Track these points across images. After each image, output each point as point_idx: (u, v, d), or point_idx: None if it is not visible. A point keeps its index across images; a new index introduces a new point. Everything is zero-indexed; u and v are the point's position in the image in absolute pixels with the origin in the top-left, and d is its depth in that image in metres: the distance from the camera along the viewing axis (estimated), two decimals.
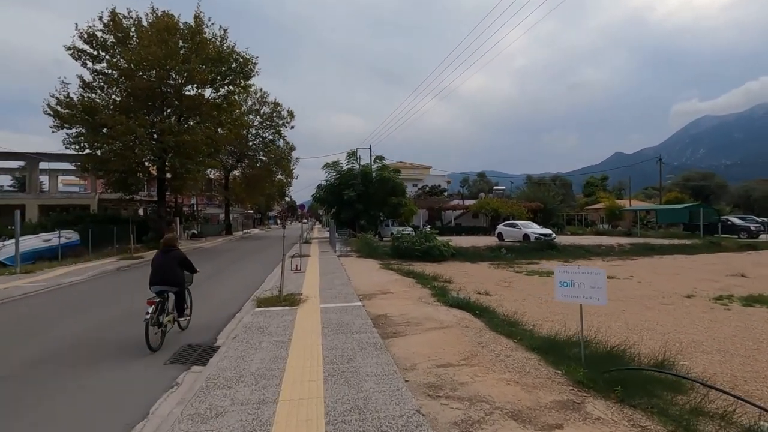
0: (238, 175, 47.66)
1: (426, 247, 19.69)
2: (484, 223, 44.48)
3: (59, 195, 32.90)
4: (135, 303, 9.40)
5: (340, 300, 9.11)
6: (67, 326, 7.63)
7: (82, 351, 6.12)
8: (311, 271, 14.14)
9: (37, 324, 7.88)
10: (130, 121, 20.93)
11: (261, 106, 44.22)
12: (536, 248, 24.56)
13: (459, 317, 7.49)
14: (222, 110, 26.17)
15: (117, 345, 6.36)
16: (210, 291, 11.25)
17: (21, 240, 18.18)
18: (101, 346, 6.37)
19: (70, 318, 8.33)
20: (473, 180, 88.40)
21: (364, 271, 14.50)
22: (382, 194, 31.29)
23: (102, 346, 6.33)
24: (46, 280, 12.98)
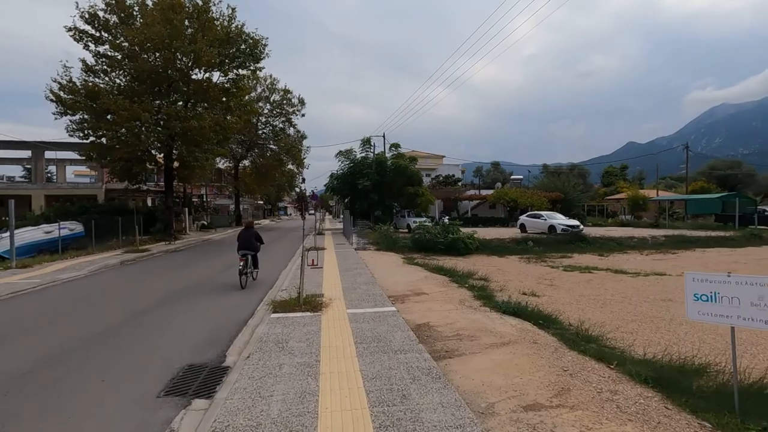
0: (248, 164, 46.54)
1: (450, 239, 18.27)
2: (502, 213, 42.87)
3: (66, 185, 32.04)
4: (136, 304, 8.22)
5: (368, 303, 7.78)
6: (38, 341, 6.42)
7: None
8: (329, 266, 12.85)
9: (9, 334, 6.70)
10: (135, 106, 19.70)
11: (271, 93, 42.88)
12: (564, 240, 23.02)
13: (519, 328, 6.12)
14: (231, 95, 24.83)
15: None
16: (219, 289, 10.02)
17: (21, 232, 17.22)
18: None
19: (45, 330, 7.12)
20: (486, 170, 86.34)
21: (388, 266, 13.17)
22: (398, 183, 29.86)
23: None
24: (42, 276, 11.89)
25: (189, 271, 13.49)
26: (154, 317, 7.45)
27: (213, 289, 10.05)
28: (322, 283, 9.95)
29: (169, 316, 7.57)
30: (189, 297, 9.23)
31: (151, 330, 6.63)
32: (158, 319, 7.35)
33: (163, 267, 14.54)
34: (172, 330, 6.65)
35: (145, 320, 7.21)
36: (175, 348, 5.74)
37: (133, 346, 5.80)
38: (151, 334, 6.37)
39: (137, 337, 6.26)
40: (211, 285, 10.66)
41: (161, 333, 6.47)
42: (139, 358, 5.33)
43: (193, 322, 7.17)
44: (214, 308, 8.18)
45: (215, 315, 7.62)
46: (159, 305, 8.41)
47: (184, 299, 9.01)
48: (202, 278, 11.72)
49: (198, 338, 6.19)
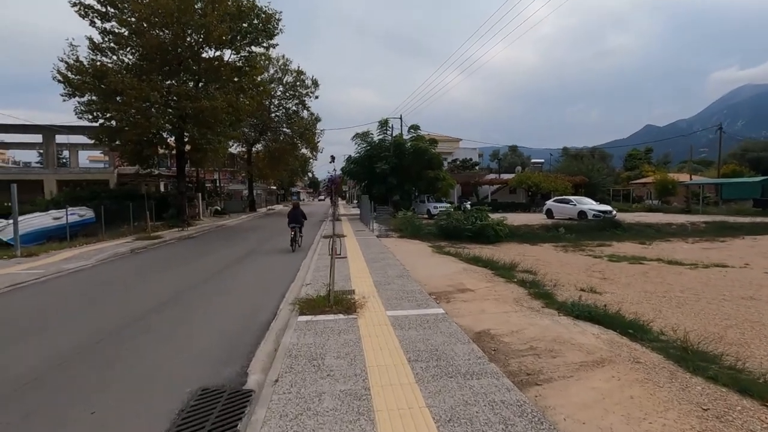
0: (261, 149, 45.57)
1: (479, 226, 17.03)
2: (523, 198, 41.31)
3: (78, 170, 31.46)
4: (143, 301, 7.23)
5: (409, 303, 6.67)
6: (15, 355, 5.45)
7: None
8: (354, 256, 11.76)
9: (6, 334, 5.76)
10: (143, 85, 18.66)
11: (283, 75, 41.59)
12: (597, 227, 21.58)
13: (606, 340, 4.94)
14: (243, 74, 23.61)
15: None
16: (236, 282, 9.03)
17: (29, 218, 16.50)
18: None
19: (32, 337, 6.16)
20: (503, 153, 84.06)
21: (417, 256, 12.03)
22: (417, 167, 28.55)
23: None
24: (47, 266, 11.04)
25: (202, 260, 12.55)
26: (161, 319, 6.44)
27: (229, 283, 9.07)
28: (350, 276, 8.87)
29: (180, 317, 6.56)
30: (202, 292, 8.24)
31: (156, 337, 5.62)
32: (166, 321, 6.34)
33: (175, 256, 13.64)
34: (182, 336, 5.63)
35: (150, 323, 6.21)
36: (186, 361, 4.72)
37: (134, 361, 4.78)
38: (156, 343, 5.35)
39: (139, 347, 5.25)
40: (226, 277, 9.69)
41: (169, 341, 5.46)
42: (141, 379, 4.31)
43: (206, 324, 6.15)
44: (231, 307, 7.16)
45: (232, 316, 6.60)
46: (168, 303, 7.43)
47: (196, 294, 8.02)
48: (216, 268, 10.75)
49: (213, 347, 5.15)
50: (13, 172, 29.37)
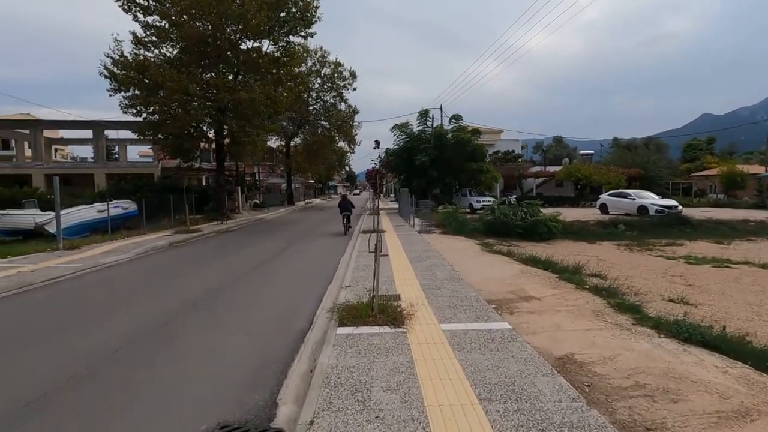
0: (299, 142, 45.58)
1: (530, 222, 15.64)
2: (571, 192, 38.90)
3: (125, 164, 32.48)
4: (172, 301, 6.62)
5: (466, 313, 5.67)
6: (25, 365, 4.92)
7: None
8: (396, 253, 10.85)
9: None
10: (182, 77, 18.54)
11: (321, 67, 41.11)
12: (662, 224, 19.49)
13: (737, 376, 3.75)
14: (281, 65, 23.19)
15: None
16: (270, 281, 8.36)
17: (74, 211, 16.76)
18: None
19: (45, 343, 5.66)
20: (547, 145, 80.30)
21: (465, 255, 10.96)
22: (459, 159, 27.22)
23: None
24: (85, 260, 10.89)
25: (238, 255, 12.07)
26: (186, 325, 5.80)
27: (263, 282, 8.41)
28: (393, 278, 7.96)
29: (207, 323, 5.90)
30: (234, 291, 7.61)
31: (177, 350, 4.94)
32: (191, 328, 5.69)
33: (211, 251, 13.29)
34: (206, 350, 4.92)
35: (173, 330, 5.56)
36: (206, 384, 3.98)
37: (147, 383, 4.09)
38: (176, 358, 4.66)
39: (156, 362, 4.57)
40: (261, 275, 9.06)
41: (191, 355, 4.75)
42: (150, 409, 3.59)
43: (234, 332, 5.44)
44: (263, 311, 6.45)
45: (263, 323, 5.87)
46: (198, 304, 6.82)
47: (228, 294, 7.40)
48: (251, 265, 10.18)
49: (239, 364, 4.40)
50: (67, 166, 30.70)
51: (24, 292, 7.93)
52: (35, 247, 12.64)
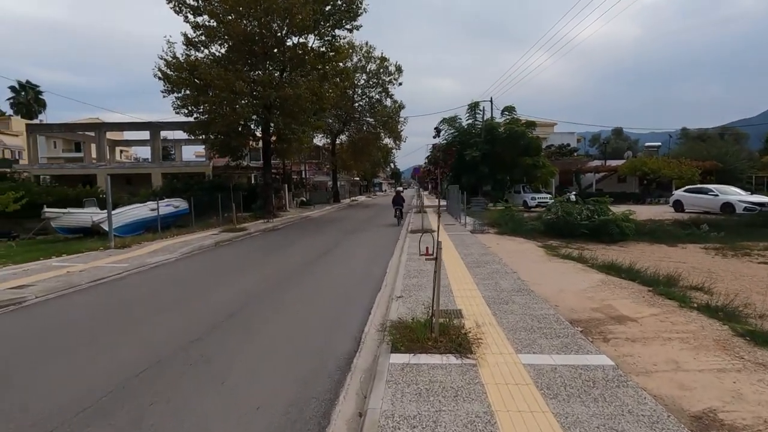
0: (344, 140, 45.40)
1: (599, 221, 13.99)
2: (635, 187, 35.77)
3: (180, 163, 33.64)
4: (209, 311, 5.98)
5: (546, 338, 4.58)
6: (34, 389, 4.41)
7: None
8: (450, 257, 9.83)
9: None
10: (229, 74, 18.49)
11: (367, 62, 40.51)
12: (754, 224, 16.96)
13: None
14: (327, 60, 22.73)
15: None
16: (314, 287, 7.64)
17: (129, 209, 17.14)
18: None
19: (49, 365, 5.18)
20: (605, 138, 75.15)
21: (528, 259, 9.73)
22: (512, 153, 25.57)
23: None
24: (132, 260, 10.79)
25: (282, 256, 11.57)
26: (214, 347, 5.14)
27: (305, 288, 7.72)
28: (451, 287, 6.98)
29: (238, 344, 5.22)
30: (274, 301, 6.96)
31: (199, 382, 4.26)
32: (220, 351, 5.03)
33: (256, 251, 12.92)
34: (230, 385, 4.20)
35: (200, 354, 4.86)
36: (229, 424, 3.23)
37: (157, 426, 3.41)
38: (196, 396, 3.96)
39: (173, 400, 3.88)
40: (304, 279, 8.39)
41: (212, 393, 4.04)
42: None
43: (268, 358, 4.71)
44: (302, 326, 5.70)
45: (302, 343, 5.11)
46: (234, 316, 6.22)
47: (267, 304, 6.75)
48: (295, 267, 9.58)
49: (269, 405, 3.63)
50: (128, 166, 32.23)
51: (68, 294, 7.75)
52: (89, 245, 12.85)
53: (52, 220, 16.06)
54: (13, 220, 21.20)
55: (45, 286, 8.01)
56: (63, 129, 33.43)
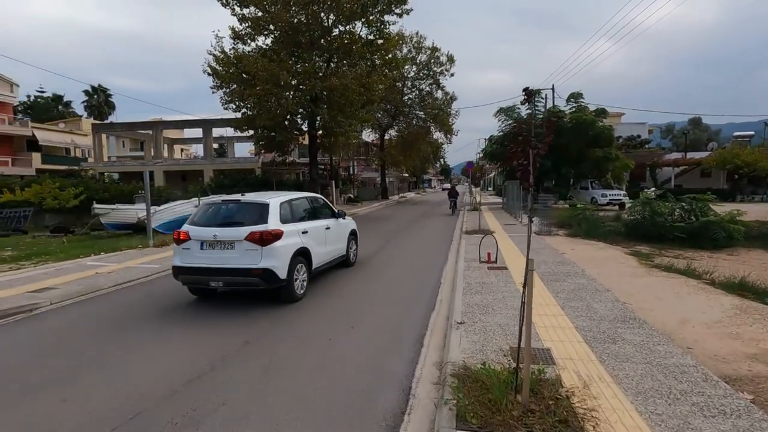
0: (393, 135, 44.08)
1: (698, 223, 11.58)
2: (722, 183, 31.45)
3: (230, 160, 33.99)
4: (218, 342, 4.67)
5: (705, 418, 2.89)
6: None
7: None
8: (518, 265, 8.15)
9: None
10: (273, 65, 17.74)
11: (417, 53, 38.85)
12: None
13: None
14: (375, 49, 21.47)
15: None
16: (352, 305, 6.29)
17: (173, 206, 16.85)
18: None
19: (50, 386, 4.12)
20: (680, 128, 68.10)
21: (616, 270, 7.81)
22: (578, 145, 22.90)
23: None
24: (165, 260, 10.07)
25: None
26: (215, 392, 3.95)
27: (338, 307, 6.42)
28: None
29: (243, 403, 3.98)
30: (297, 327, 5.72)
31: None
32: (223, 400, 3.81)
33: None
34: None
35: (192, 414, 3.71)
36: None
37: None
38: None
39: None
40: (340, 299, 7.10)
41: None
42: None
43: (283, 421, 3.41)
44: (333, 370, 4.36)
45: (325, 394, 3.76)
46: (249, 342, 5.04)
47: (290, 330, 5.52)
48: (331, 282, 8.34)
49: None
50: (182, 163, 32.96)
51: (86, 300, 7.01)
52: (129, 243, 12.47)
53: (101, 216, 16.10)
54: (74, 215, 22.05)
55: (66, 290, 7.35)
56: (124, 128, 34.95)
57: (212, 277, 6.07)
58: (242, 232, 5.99)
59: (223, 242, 6.06)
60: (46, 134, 34.08)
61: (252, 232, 5.94)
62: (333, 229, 7.92)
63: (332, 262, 8.00)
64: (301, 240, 6.64)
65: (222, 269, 6.01)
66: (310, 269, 6.80)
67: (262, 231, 5.96)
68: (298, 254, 6.43)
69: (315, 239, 7.09)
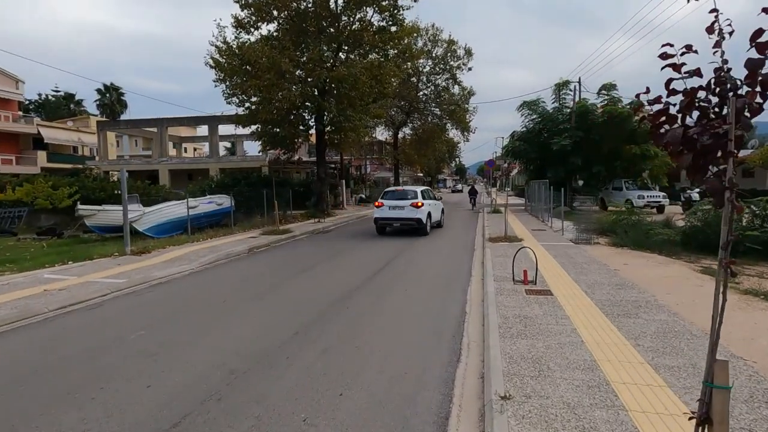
0: (407, 133, 42.24)
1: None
2: (766, 183, 28.70)
3: (236, 158, 32.69)
4: (187, 387, 3.39)
5: None
6: None
7: None
8: (563, 287, 6.31)
9: None
10: (275, 52, 16.16)
11: (433, 47, 36.95)
12: None
13: None
14: (388, 37, 19.73)
15: None
16: (354, 338, 4.56)
17: (162, 207, 15.43)
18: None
19: None
20: None
21: (700, 297, 5.90)
22: (611, 142, 20.79)
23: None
24: (137, 272, 8.55)
25: (318, 275, 8.75)
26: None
27: (341, 341, 4.70)
28: (600, 366, 3.56)
29: None
30: (288, 368, 4.02)
31: None
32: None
33: (293, 262, 10.26)
34: None
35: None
36: None
37: None
38: None
39: None
40: (343, 319, 5.39)
41: None
42: None
43: None
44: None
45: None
46: (227, 389, 3.36)
47: (278, 375, 3.83)
48: (337, 293, 6.65)
49: None
50: (187, 162, 31.78)
51: (10, 331, 5.46)
52: (104, 250, 11.00)
53: (86, 218, 14.76)
54: (70, 215, 20.90)
55: None
56: (129, 125, 33.94)
57: (394, 221, 14.00)
58: (408, 202, 13.65)
59: (399, 206, 13.72)
60: (52, 132, 33.31)
61: (413, 202, 13.60)
62: (437, 205, 15.79)
63: (437, 221, 15.62)
64: (428, 208, 14.05)
65: (398, 218, 13.81)
66: (430, 221, 14.26)
67: (416, 202, 13.60)
68: (427, 214, 13.82)
69: (431, 209, 14.54)
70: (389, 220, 13.89)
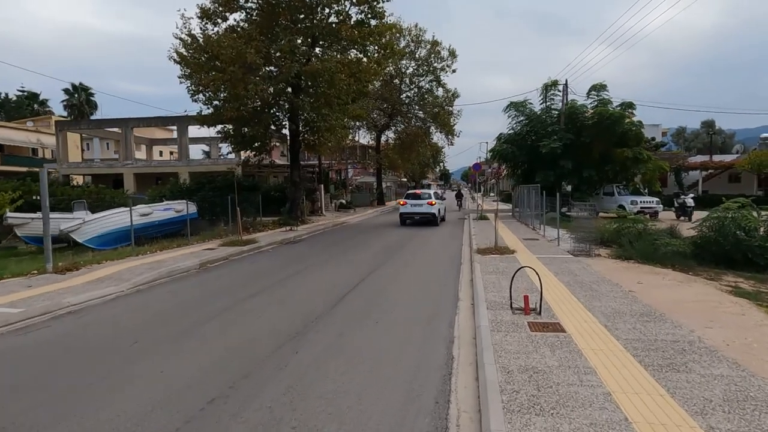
0: (391, 137, 40.90)
1: None
2: (753, 189, 28.37)
3: (208, 162, 30.81)
4: None
5: None
6: None
7: None
8: (572, 318, 4.92)
9: None
10: (240, 42, 14.60)
11: (416, 48, 35.79)
12: None
13: None
14: (368, 31, 18.36)
15: None
16: (318, 384, 3.12)
17: (108, 215, 13.64)
18: None
19: None
20: (691, 132, 65.18)
21: (749, 329, 4.58)
22: (602, 144, 19.82)
23: None
24: (48, 297, 6.85)
25: (277, 298, 7.19)
26: None
27: (301, 391, 3.18)
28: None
29: None
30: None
31: None
32: None
33: (251, 280, 8.66)
34: None
35: None
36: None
37: None
38: None
39: None
40: (305, 359, 3.87)
41: None
42: None
43: None
44: None
45: None
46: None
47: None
48: (283, 337, 5.14)
49: None
50: (154, 165, 29.78)
51: None
52: (22, 267, 9.22)
53: (16, 227, 12.89)
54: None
55: None
56: (91, 125, 31.72)
57: (415, 215, 19.18)
58: (424, 201, 19.08)
59: (418, 204, 19.06)
60: (6, 132, 30.88)
61: (429, 201, 18.96)
62: (443, 203, 21.75)
63: (442, 216, 20.56)
64: (438, 206, 19.36)
65: (418, 213, 19.06)
66: (440, 216, 19.91)
67: (430, 201, 18.94)
68: (437, 210, 19.07)
69: (441, 206, 20.11)
70: (411, 214, 19.06)
